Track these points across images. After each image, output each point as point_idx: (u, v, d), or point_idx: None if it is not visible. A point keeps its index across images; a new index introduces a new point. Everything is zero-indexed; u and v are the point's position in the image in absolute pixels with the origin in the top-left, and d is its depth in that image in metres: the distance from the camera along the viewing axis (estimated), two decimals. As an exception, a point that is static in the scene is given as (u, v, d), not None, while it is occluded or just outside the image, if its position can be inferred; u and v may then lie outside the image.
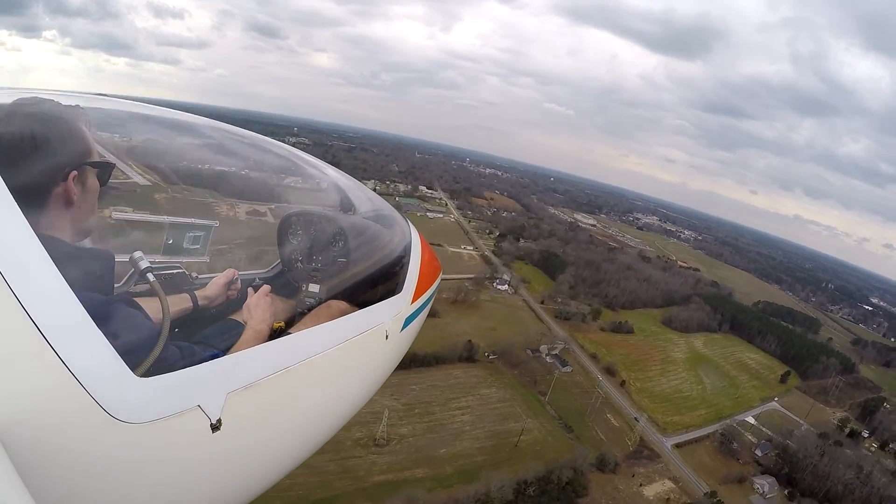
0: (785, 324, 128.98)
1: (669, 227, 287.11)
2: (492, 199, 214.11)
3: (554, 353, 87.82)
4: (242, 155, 2.96)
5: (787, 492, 66.11)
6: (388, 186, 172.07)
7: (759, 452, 72.90)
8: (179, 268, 2.52)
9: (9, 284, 1.13)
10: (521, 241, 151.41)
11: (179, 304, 2.24)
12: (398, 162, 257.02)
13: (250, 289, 2.40)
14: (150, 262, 1.95)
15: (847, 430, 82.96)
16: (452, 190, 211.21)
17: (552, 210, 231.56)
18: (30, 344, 1.15)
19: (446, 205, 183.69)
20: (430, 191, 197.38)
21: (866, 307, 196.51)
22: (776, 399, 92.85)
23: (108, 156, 1.92)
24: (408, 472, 53.02)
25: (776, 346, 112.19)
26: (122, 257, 1.97)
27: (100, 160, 1.79)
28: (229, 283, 2.49)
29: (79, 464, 1.28)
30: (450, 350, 76.45)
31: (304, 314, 2.52)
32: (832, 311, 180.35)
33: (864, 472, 67.36)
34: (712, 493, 60.93)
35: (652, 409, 79.24)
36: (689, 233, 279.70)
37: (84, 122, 1.77)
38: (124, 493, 1.42)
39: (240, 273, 2.65)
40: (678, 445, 72.07)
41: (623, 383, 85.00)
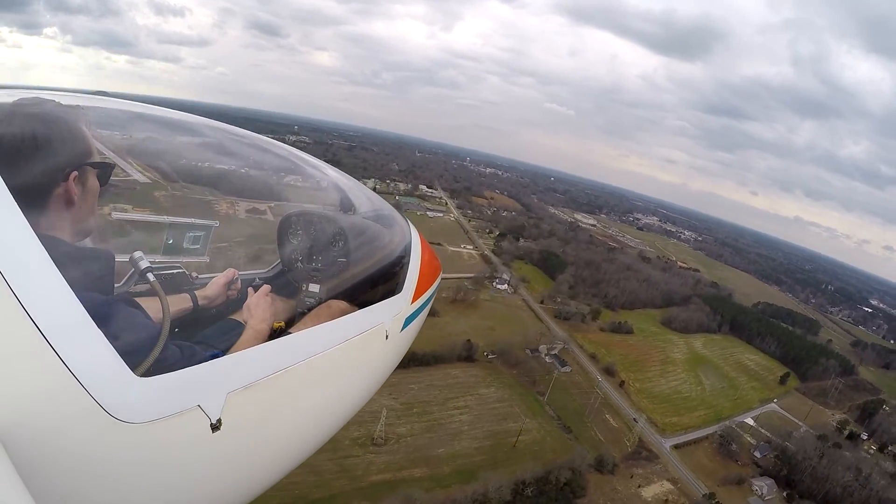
0: (784, 325, 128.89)
1: (669, 227, 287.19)
2: (492, 198, 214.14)
3: (553, 353, 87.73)
4: (242, 154, 2.96)
5: (785, 493, 66.12)
6: (388, 185, 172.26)
7: (757, 454, 72.89)
8: (179, 268, 2.52)
9: (9, 284, 1.14)
10: (521, 240, 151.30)
11: (179, 303, 2.25)
12: (398, 161, 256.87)
13: (250, 289, 2.40)
14: (151, 262, 1.96)
15: (846, 432, 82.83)
16: (452, 189, 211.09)
17: (552, 210, 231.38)
18: (30, 344, 1.15)
19: (446, 204, 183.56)
20: (430, 190, 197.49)
21: (866, 309, 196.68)
22: (775, 400, 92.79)
23: (108, 155, 1.92)
24: (405, 472, 52.98)
25: (776, 348, 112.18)
26: (122, 257, 1.97)
27: (100, 160, 1.79)
28: (229, 283, 2.50)
29: (79, 464, 1.28)
30: (449, 349, 76.21)
31: (304, 314, 2.52)
32: (832, 312, 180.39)
33: (863, 474, 67.33)
34: (711, 494, 60.99)
35: (651, 410, 79.22)
36: (690, 233, 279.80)
37: (84, 123, 1.78)
38: (124, 493, 1.42)
39: (240, 273, 2.65)
40: (677, 446, 72.04)
41: (622, 384, 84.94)
